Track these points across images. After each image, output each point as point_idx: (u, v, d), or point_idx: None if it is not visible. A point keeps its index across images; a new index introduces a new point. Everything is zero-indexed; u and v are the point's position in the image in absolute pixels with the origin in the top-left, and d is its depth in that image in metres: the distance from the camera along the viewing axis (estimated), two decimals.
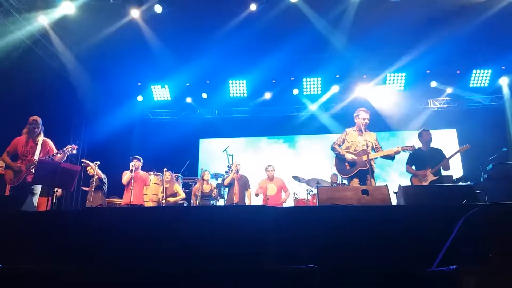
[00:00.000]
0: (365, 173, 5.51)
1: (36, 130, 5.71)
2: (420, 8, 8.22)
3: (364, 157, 5.55)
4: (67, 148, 5.77)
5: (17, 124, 7.33)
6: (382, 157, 5.74)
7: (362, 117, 5.82)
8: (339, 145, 5.88)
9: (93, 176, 7.94)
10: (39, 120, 5.78)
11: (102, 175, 7.83)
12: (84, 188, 8.35)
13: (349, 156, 5.65)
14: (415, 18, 8.44)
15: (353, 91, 10.98)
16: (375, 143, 5.80)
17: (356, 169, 5.59)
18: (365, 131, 5.78)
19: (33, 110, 7.82)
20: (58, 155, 5.74)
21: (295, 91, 11.14)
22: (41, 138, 5.78)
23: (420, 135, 6.47)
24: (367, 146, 5.62)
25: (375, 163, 5.77)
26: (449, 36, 8.80)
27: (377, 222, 3.30)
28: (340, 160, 5.80)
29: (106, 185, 8.05)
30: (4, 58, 7.66)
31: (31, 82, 8.25)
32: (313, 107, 11.44)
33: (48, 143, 5.87)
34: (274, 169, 8.11)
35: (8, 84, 7.83)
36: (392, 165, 7.29)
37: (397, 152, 5.53)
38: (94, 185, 7.73)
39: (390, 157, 5.61)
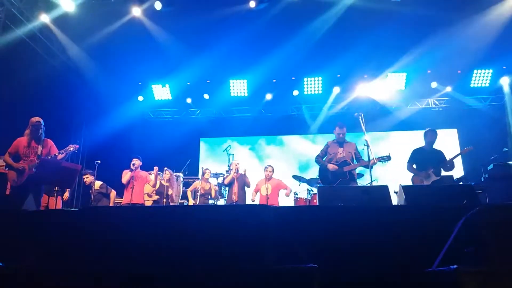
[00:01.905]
0: (346, 183, 6.02)
1: (39, 131, 5.75)
2: (421, 7, 8.21)
3: (345, 168, 6.07)
4: (68, 148, 5.85)
5: (17, 123, 7.34)
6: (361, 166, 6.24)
7: (336, 132, 6.40)
8: (322, 157, 6.42)
9: (89, 185, 7.96)
10: (42, 121, 5.83)
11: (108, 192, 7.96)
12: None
13: (330, 166, 6.13)
14: (416, 17, 8.43)
15: (354, 91, 10.99)
16: (355, 153, 6.26)
17: (338, 180, 6.07)
18: (345, 142, 6.37)
19: (34, 109, 7.82)
20: (60, 155, 5.79)
21: (295, 93, 11.14)
22: (42, 138, 5.83)
23: (425, 134, 6.45)
24: (347, 157, 6.15)
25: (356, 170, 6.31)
26: (450, 36, 8.79)
27: (377, 222, 3.30)
28: (323, 171, 6.29)
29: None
30: (5, 57, 7.67)
31: (32, 81, 8.26)
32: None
33: (50, 143, 5.92)
34: (272, 170, 8.04)
35: (8, 83, 7.83)
36: None
37: (374, 163, 5.88)
38: (93, 197, 7.77)
39: (368, 167, 5.94)
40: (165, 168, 8.01)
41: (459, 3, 8.21)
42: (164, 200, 7.78)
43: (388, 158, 5.90)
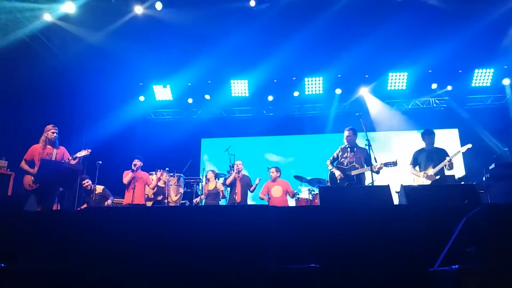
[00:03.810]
0: (354, 186, 6.19)
1: (53, 138, 5.92)
2: (422, 7, 8.21)
3: (353, 172, 6.27)
4: (81, 153, 6.05)
5: (18, 123, 7.35)
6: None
7: (345, 135, 6.56)
8: (332, 161, 6.62)
9: (89, 190, 7.97)
10: (56, 128, 6.00)
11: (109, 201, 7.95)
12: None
13: (337, 173, 6.35)
14: (417, 17, 8.43)
15: (355, 91, 11.00)
16: (366, 158, 6.35)
17: (345, 183, 6.26)
18: (356, 147, 6.49)
19: (35, 110, 7.85)
20: (73, 160, 5.96)
21: (296, 94, 11.13)
22: (57, 145, 6.01)
23: (423, 135, 6.45)
24: (357, 162, 6.29)
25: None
26: (451, 36, 8.78)
27: (378, 221, 3.30)
28: (332, 175, 6.51)
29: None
30: (6, 58, 7.68)
31: (33, 81, 8.28)
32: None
33: (63, 149, 6.08)
34: (277, 171, 8.04)
35: (9, 84, 7.85)
36: None
37: (380, 168, 6.04)
38: (93, 201, 7.76)
39: (375, 171, 6.09)
40: (159, 170, 7.96)
41: (461, 3, 8.20)
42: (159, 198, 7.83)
43: (394, 164, 5.99)
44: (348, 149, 6.50)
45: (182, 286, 2.67)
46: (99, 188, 8.01)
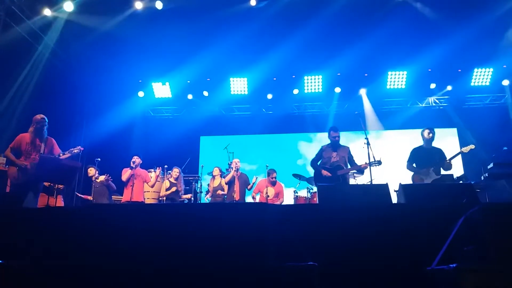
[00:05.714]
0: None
1: (43, 128, 5.68)
2: (422, 6, 8.21)
3: (338, 172, 6.22)
4: (73, 150, 5.83)
5: (18, 121, 7.33)
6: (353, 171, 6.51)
7: (331, 135, 6.51)
8: (316, 161, 6.55)
9: (91, 177, 8.01)
10: (46, 118, 5.75)
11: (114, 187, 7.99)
12: (85, 196, 8.32)
13: (324, 172, 6.28)
14: (416, 16, 8.43)
15: (355, 90, 11.00)
16: (348, 157, 6.42)
17: (332, 183, 6.25)
18: (339, 146, 6.47)
19: (34, 107, 7.83)
20: (63, 155, 5.76)
21: (295, 91, 11.13)
22: (45, 136, 5.77)
23: (422, 133, 6.47)
24: (341, 161, 6.29)
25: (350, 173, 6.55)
26: (451, 35, 8.78)
27: (377, 220, 3.31)
28: (318, 175, 6.43)
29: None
30: (5, 55, 7.65)
31: (32, 78, 8.26)
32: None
33: (53, 142, 5.87)
34: (276, 176, 8.12)
35: (8, 81, 7.83)
36: None
37: (365, 167, 6.10)
38: (94, 190, 7.76)
39: (360, 171, 6.25)
40: (174, 168, 8.10)
41: (461, 2, 8.20)
42: (164, 199, 7.79)
43: (379, 162, 6.00)
44: (331, 148, 6.49)
45: (180, 283, 2.67)
46: (102, 177, 8.05)
